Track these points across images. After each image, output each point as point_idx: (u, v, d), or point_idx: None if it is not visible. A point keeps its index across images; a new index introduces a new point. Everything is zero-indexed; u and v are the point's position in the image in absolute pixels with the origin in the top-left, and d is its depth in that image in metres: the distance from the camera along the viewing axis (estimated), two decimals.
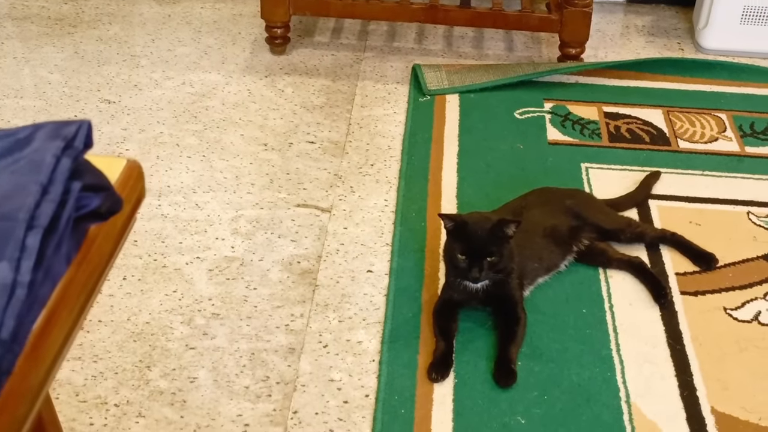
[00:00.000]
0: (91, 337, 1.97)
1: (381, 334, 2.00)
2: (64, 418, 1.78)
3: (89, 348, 1.95)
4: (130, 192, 0.99)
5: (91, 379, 1.87)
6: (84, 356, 1.93)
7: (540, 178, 2.46)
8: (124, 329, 2.00)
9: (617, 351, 1.97)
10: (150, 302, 2.07)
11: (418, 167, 2.54)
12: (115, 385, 1.86)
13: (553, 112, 2.80)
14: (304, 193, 2.43)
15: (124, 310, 2.04)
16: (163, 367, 1.91)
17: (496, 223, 1.95)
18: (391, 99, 2.85)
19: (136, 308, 2.05)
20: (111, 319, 2.02)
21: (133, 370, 1.90)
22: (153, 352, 1.94)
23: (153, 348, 1.95)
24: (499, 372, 1.90)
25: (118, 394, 1.85)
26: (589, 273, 2.18)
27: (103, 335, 1.98)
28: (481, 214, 2.04)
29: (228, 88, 2.88)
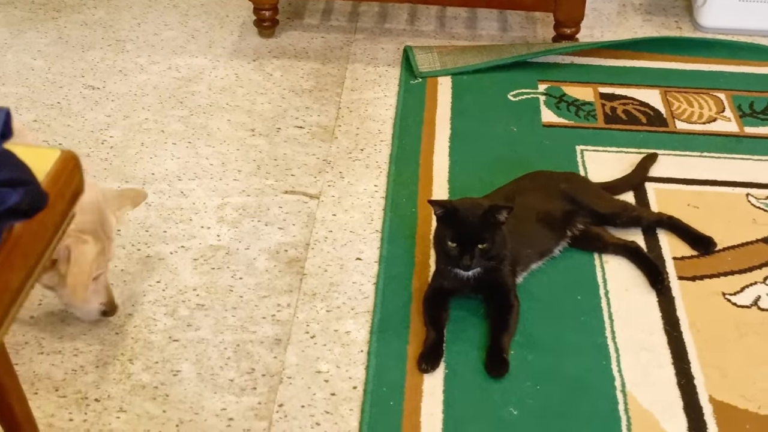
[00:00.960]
0: (71, 330, 1.92)
1: (370, 323, 1.95)
2: (43, 414, 1.73)
3: (69, 341, 1.89)
4: (63, 186, 0.92)
5: (71, 374, 1.82)
6: (64, 350, 1.87)
7: (534, 161, 2.40)
8: (106, 322, 1.94)
9: (613, 339, 1.92)
10: (133, 293, 2.01)
11: (409, 151, 2.48)
12: (96, 380, 1.81)
13: (548, 94, 2.74)
14: (292, 179, 2.37)
15: None
16: (146, 360, 1.86)
17: (488, 209, 1.89)
18: (381, 82, 2.78)
19: (119, 300, 1.99)
20: None
21: (114, 363, 1.85)
22: (135, 345, 1.89)
23: (135, 341, 1.90)
24: (490, 362, 1.84)
25: (99, 388, 1.79)
26: (584, 258, 2.13)
27: (85, 328, 1.93)
28: (473, 200, 1.98)
29: (215, 72, 2.82)
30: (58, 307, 1.97)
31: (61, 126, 2.55)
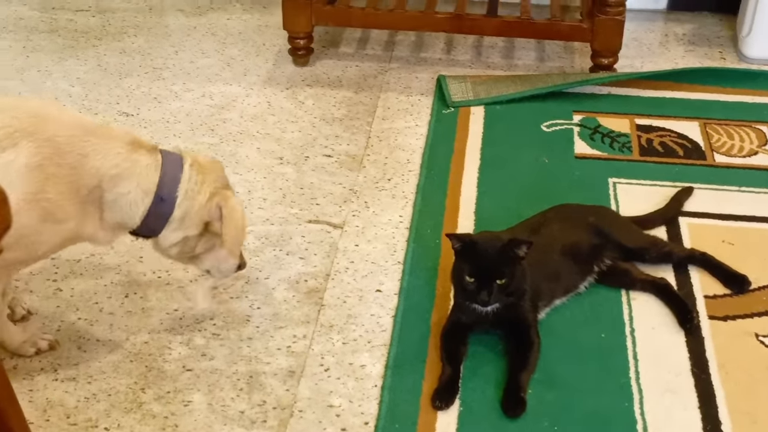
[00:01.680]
0: (87, 357, 1.92)
1: (386, 357, 1.91)
2: None
3: (84, 368, 1.89)
4: None
5: (83, 401, 1.82)
6: (78, 377, 1.87)
7: (565, 193, 2.34)
8: (121, 349, 1.94)
9: (636, 379, 1.85)
10: (150, 321, 2.01)
11: (437, 181, 2.44)
12: (108, 408, 1.80)
13: (582, 125, 2.68)
14: (316, 208, 2.35)
15: (123, 330, 1.99)
16: (158, 389, 1.84)
17: (507, 243, 1.85)
18: (413, 111, 2.76)
19: (136, 327, 1.99)
20: (109, 339, 1.96)
21: (126, 392, 1.84)
22: (149, 374, 1.88)
23: (149, 369, 1.89)
24: (507, 400, 1.79)
25: (110, 417, 1.78)
26: (611, 295, 2.06)
27: (100, 355, 1.92)
28: (492, 234, 1.93)
29: (248, 100, 2.82)
30: (75, 333, 1.97)
31: None
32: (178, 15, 3.36)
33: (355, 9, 2.92)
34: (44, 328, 1.99)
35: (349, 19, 2.93)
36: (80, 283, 2.11)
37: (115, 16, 3.35)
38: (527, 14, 2.87)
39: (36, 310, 2.03)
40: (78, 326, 1.99)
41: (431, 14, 2.88)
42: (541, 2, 3.20)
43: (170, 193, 1.81)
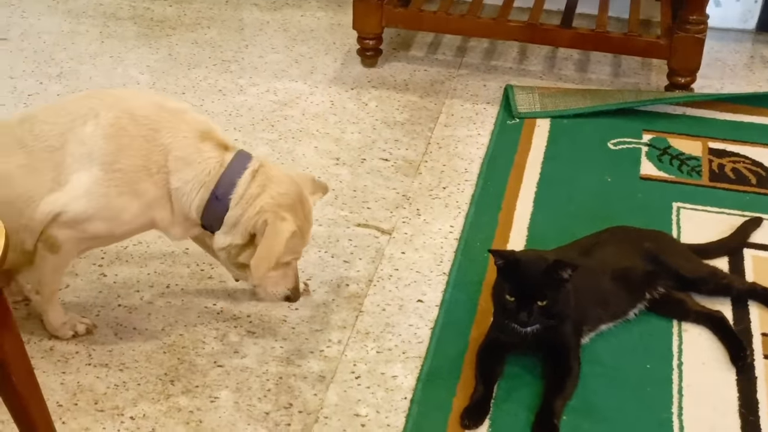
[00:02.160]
0: (122, 345, 1.92)
1: (419, 370, 1.86)
2: (78, 426, 1.73)
3: (118, 355, 1.89)
4: None
5: (113, 388, 1.82)
6: (111, 363, 1.87)
7: (624, 216, 2.26)
8: (156, 339, 1.93)
9: (679, 415, 1.76)
10: (188, 314, 2.00)
11: (493, 194, 2.38)
12: (135, 397, 1.80)
13: (652, 145, 2.59)
14: (367, 212, 2.32)
15: (161, 320, 1.98)
16: (187, 383, 1.83)
17: (551, 264, 1.78)
18: (477, 120, 2.70)
19: (173, 319, 1.98)
20: (146, 328, 1.96)
21: (156, 382, 1.83)
22: (180, 367, 1.87)
23: (181, 362, 1.88)
24: (538, 425, 1.72)
25: (137, 406, 1.78)
26: (661, 324, 1.97)
27: (135, 343, 1.92)
28: (537, 253, 1.87)
29: (311, 98, 2.81)
30: (114, 319, 1.98)
31: None
32: (252, 9, 3.37)
33: (426, 13, 2.88)
34: (84, 312, 2.00)
35: (420, 23, 2.88)
36: (124, 271, 2.12)
37: (191, 6, 3.37)
38: (603, 27, 2.78)
39: (78, 294, 2.05)
40: (117, 313, 2.00)
41: (504, 22, 2.81)
42: (621, 15, 3.10)
43: (225, 195, 1.78)
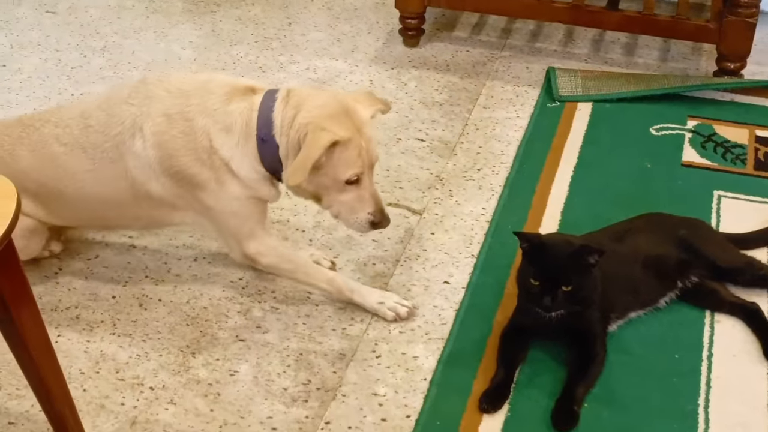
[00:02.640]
0: (146, 315, 1.93)
1: (440, 351, 1.84)
2: (98, 394, 1.75)
3: (142, 326, 1.91)
4: None
5: (134, 358, 1.83)
6: (135, 333, 1.89)
7: (662, 203, 2.20)
8: (180, 311, 1.94)
9: (705, 407, 1.72)
10: (213, 287, 2.01)
11: (528, 177, 2.34)
12: (156, 368, 1.81)
13: (696, 131, 2.51)
14: (399, 192, 2.30)
15: (186, 292, 1.99)
16: (208, 356, 1.84)
17: (577, 249, 1.74)
18: (517, 102, 2.66)
19: (198, 291, 1.99)
20: (171, 300, 1.98)
21: (177, 354, 1.84)
22: (202, 339, 1.88)
23: (203, 335, 1.89)
24: (558, 412, 1.69)
25: (157, 377, 1.79)
26: (693, 314, 1.92)
27: (159, 314, 1.94)
28: (564, 237, 1.83)
29: (351, 77, 2.79)
30: (141, 291, 1.99)
31: None
32: None
33: None
34: (112, 282, 2.02)
35: (462, 3, 2.84)
36: (154, 242, 2.13)
37: None
38: (651, 10, 2.71)
39: (107, 264, 2.07)
40: (144, 284, 2.01)
41: (548, 3, 2.76)
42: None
43: (268, 134, 1.79)
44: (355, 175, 1.79)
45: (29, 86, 2.72)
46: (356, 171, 1.79)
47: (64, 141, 1.89)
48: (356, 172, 1.79)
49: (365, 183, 1.82)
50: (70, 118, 1.91)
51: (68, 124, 1.90)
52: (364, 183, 1.81)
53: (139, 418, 1.70)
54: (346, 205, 1.83)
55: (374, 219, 1.84)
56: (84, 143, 1.87)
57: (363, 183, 1.81)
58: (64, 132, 1.89)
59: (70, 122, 1.90)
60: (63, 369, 1.75)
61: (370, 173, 1.83)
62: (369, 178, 1.83)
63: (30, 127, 1.92)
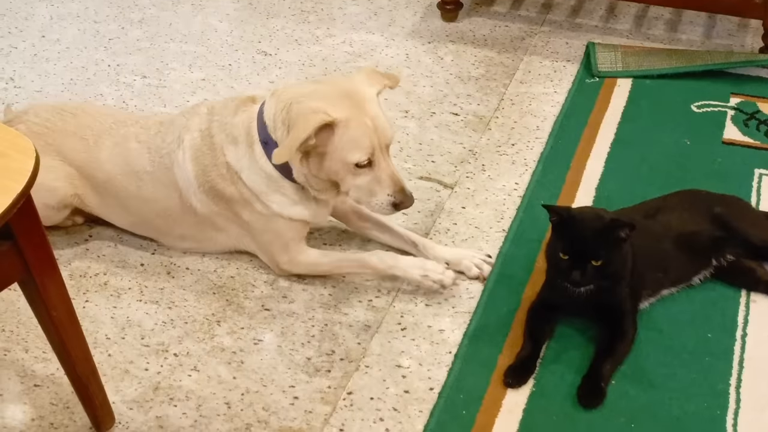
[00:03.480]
0: (173, 283, 1.94)
1: (467, 325, 1.82)
2: (123, 359, 1.76)
3: (168, 293, 1.91)
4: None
5: (160, 325, 1.84)
6: (161, 300, 1.89)
7: (700, 181, 2.14)
8: (207, 280, 1.94)
9: (737, 387, 1.67)
10: (241, 257, 2.00)
11: (563, 152, 2.30)
12: (181, 335, 1.81)
13: (739, 109, 2.45)
14: (431, 165, 2.27)
15: (214, 262, 1.99)
16: (233, 324, 1.84)
17: (608, 223, 1.70)
18: (555, 77, 2.61)
19: (226, 261, 1.99)
20: (198, 268, 1.98)
21: (203, 322, 1.84)
22: (228, 308, 1.88)
23: (229, 303, 1.89)
24: (584, 389, 1.66)
25: (181, 344, 1.79)
26: (728, 293, 1.87)
27: (186, 283, 1.94)
28: (594, 211, 1.79)
29: (387, 50, 2.76)
30: (168, 259, 2.00)
31: (224, 87, 2.60)
32: None
33: None
34: (141, 250, 2.02)
35: None
36: None
37: None
38: None
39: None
40: (172, 254, 2.02)
41: None
42: None
43: (268, 136, 1.80)
44: (365, 158, 1.73)
45: (67, 56, 2.74)
46: (365, 153, 1.73)
47: (140, 139, 1.96)
48: (365, 153, 1.73)
49: (381, 164, 1.75)
50: (153, 121, 2.00)
51: (149, 126, 1.98)
52: (379, 164, 1.75)
53: (162, 383, 1.71)
54: (364, 189, 1.78)
55: (395, 200, 1.77)
56: (150, 145, 1.94)
57: (378, 164, 1.75)
58: (142, 131, 1.97)
59: (151, 125, 1.98)
60: (89, 334, 1.79)
61: (386, 153, 1.77)
62: (384, 158, 1.76)
63: (122, 123, 2.00)
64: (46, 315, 1.46)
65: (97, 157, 1.96)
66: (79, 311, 1.80)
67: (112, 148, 1.96)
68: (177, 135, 1.91)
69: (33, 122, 1.98)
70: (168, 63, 2.71)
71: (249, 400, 1.67)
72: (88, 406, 1.58)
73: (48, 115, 2.00)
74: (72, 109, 2.03)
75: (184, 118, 1.93)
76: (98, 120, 2.00)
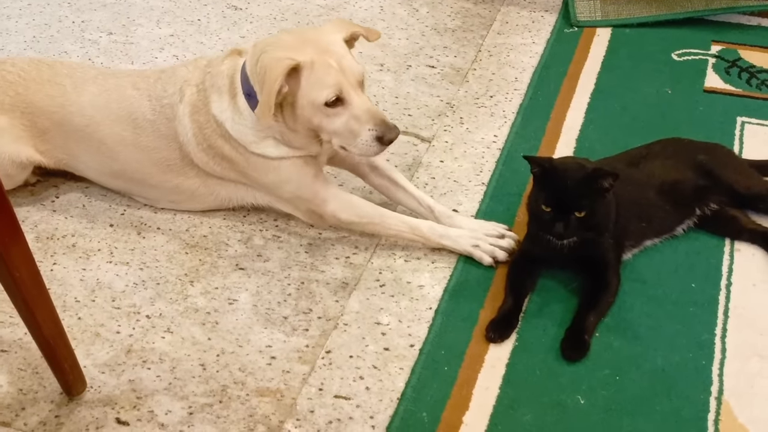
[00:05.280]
0: (144, 244, 1.88)
1: (447, 280, 1.77)
2: (93, 323, 1.70)
3: (139, 254, 1.85)
4: None
5: (131, 287, 1.78)
6: (132, 262, 1.84)
7: (682, 129, 2.11)
8: (179, 239, 1.89)
9: (722, 337, 1.64)
10: (214, 215, 1.94)
11: (542, 103, 2.25)
12: (153, 296, 1.76)
13: (720, 56, 2.40)
14: (407, 119, 2.21)
15: (186, 221, 1.93)
16: (207, 284, 1.78)
17: (590, 172, 1.65)
18: (533, 28, 2.55)
19: (198, 220, 1.93)
20: (170, 228, 1.92)
21: (175, 282, 1.79)
22: (201, 267, 1.82)
23: (202, 263, 1.83)
24: (567, 341, 1.63)
25: (153, 305, 1.74)
26: (711, 242, 1.84)
27: (157, 243, 1.88)
28: (576, 161, 1.74)
29: (361, 3, 2.69)
30: (139, 219, 1.94)
31: (194, 42, 2.52)
32: None
33: None
34: (110, 210, 1.96)
35: None
36: None
37: None
38: None
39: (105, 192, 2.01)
40: (142, 213, 1.96)
41: None
42: None
43: (250, 86, 1.76)
44: (333, 95, 1.68)
45: (29, 13, 2.64)
46: (332, 90, 1.68)
47: (139, 87, 1.90)
48: (332, 90, 1.68)
49: (354, 100, 1.70)
50: (151, 71, 1.95)
51: (147, 75, 1.92)
52: (352, 101, 1.70)
53: (135, 346, 1.66)
54: (344, 132, 1.72)
55: (378, 133, 1.70)
56: (151, 93, 1.88)
57: (351, 101, 1.70)
58: (140, 79, 1.91)
59: (149, 74, 1.93)
60: (58, 297, 1.73)
61: (358, 89, 1.71)
62: (358, 95, 1.71)
63: (109, 74, 1.96)
64: (9, 277, 1.40)
65: (75, 101, 1.89)
66: (47, 274, 1.76)
67: (99, 95, 1.90)
68: (179, 87, 1.85)
69: (8, 71, 1.93)
70: (134, 19, 2.63)
71: (225, 361, 1.62)
72: (57, 371, 1.53)
73: (24, 65, 1.95)
74: (50, 61, 1.99)
75: (186, 69, 1.87)
76: (78, 70, 1.95)
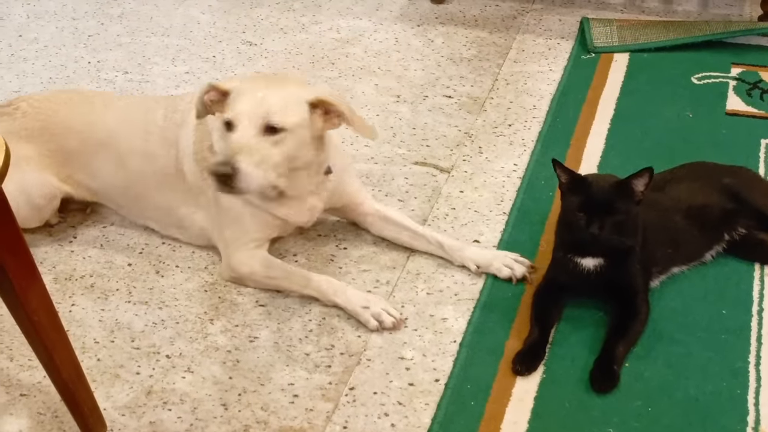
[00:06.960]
0: (163, 282, 1.85)
1: (471, 312, 1.74)
2: (113, 364, 1.67)
3: (158, 293, 1.83)
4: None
5: (150, 326, 1.75)
6: (151, 301, 1.81)
7: (706, 153, 2.07)
8: (198, 278, 1.86)
9: (756, 365, 1.60)
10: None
11: (562, 130, 2.22)
12: (173, 336, 1.73)
13: (741, 79, 2.37)
14: (426, 150, 2.19)
15: (204, 258, 1.91)
16: (227, 322, 1.76)
17: (625, 179, 1.62)
18: (550, 55, 2.53)
19: (216, 258, 1.91)
20: (188, 266, 1.90)
21: (195, 321, 1.76)
22: (221, 305, 1.79)
23: (222, 300, 1.81)
24: (597, 372, 1.58)
25: (173, 345, 1.71)
26: (741, 268, 1.80)
27: (176, 281, 1.86)
28: (604, 175, 1.71)
29: (375, 35, 2.68)
30: (157, 257, 1.92)
31: (209, 79, 2.48)
32: None
33: None
34: (128, 250, 1.94)
35: None
36: None
37: None
38: None
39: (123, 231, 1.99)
40: (161, 251, 1.94)
41: None
42: None
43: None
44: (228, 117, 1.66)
45: (45, 55, 2.65)
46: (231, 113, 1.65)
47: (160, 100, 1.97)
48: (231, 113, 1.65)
49: (238, 131, 1.65)
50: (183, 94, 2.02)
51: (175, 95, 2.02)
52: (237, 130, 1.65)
53: (155, 387, 1.63)
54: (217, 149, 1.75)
55: (211, 168, 1.64)
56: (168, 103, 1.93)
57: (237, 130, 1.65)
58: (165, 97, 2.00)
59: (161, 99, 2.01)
60: (77, 339, 1.71)
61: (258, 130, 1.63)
62: (247, 129, 1.63)
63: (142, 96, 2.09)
64: (27, 321, 1.38)
65: (102, 118, 1.95)
66: (65, 315, 1.74)
67: (124, 108, 1.98)
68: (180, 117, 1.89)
69: (35, 99, 2.00)
70: (150, 57, 2.63)
71: (246, 401, 1.59)
72: (77, 414, 1.50)
73: (50, 95, 2.04)
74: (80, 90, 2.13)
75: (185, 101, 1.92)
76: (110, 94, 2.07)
